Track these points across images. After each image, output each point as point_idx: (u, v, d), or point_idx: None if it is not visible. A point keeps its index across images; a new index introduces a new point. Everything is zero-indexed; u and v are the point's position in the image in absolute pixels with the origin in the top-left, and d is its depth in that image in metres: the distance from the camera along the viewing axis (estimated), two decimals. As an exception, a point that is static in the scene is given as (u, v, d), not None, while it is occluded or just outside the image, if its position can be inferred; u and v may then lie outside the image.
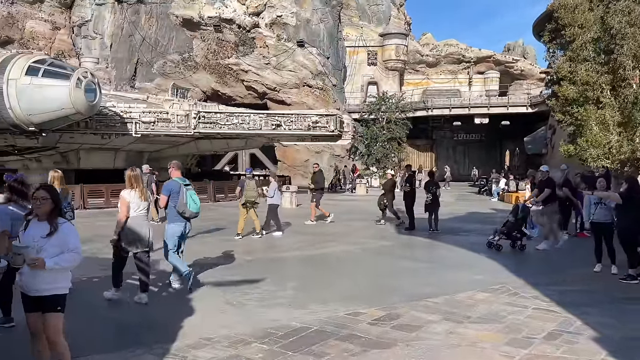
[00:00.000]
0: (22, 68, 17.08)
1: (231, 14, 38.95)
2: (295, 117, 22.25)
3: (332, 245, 11.07)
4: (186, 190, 6.94)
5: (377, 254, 10.15)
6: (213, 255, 9.63)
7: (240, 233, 11.74)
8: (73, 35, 41.57)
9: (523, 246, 10.66)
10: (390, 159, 37.13)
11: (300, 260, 9.56)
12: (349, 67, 43.36)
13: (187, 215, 6.93)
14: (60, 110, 17.53)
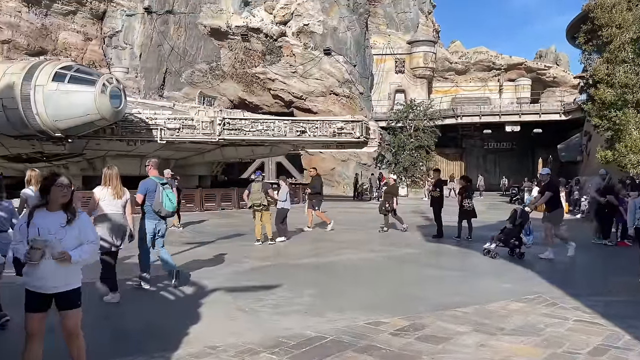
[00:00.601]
0: (49, 74, 17.20)
1: (258, 23, 39.07)
2: (320, 124, 21.90)
3: (352, 253, 10.56)
4: (163, 189, 6.90)
5: (401, 262, 9.61)
6: (229, 260, 9.26)
7: (259, 239, 11.35)
8: (104, 46, 42.36)
9: (522, 254, 9.95)
10: (418, 168, 36.42)
11: (318, 267, 9.08)
12: (376, 75, 42.91)
13: (163, 214, 6.91)
14: (85, 116, 17.57)
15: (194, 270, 8.15)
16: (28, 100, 17.04)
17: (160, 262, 7.31)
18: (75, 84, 17.28)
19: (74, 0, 41.22)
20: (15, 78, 17.20)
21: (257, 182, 11.31)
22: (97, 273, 6.42)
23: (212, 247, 10.86)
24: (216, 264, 8.82)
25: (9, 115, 17.47)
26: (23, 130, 18.01)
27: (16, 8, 37.99)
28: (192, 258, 9.45)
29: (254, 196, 11.10)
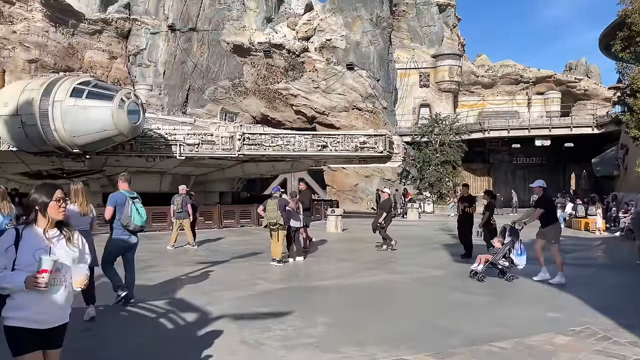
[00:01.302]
0: (68, 90, 16.99)
1: (281, 39, 38.93)
2: (341, 138, 21.25)
3: (375, 274, 9.77)
4: (132, 202, 6.73)
5: (428, 285, 8.79)
6: (241, 282, 8.59)
7: (275, 258, 10.66)
8: (128, 64, 42.82)
9: (512, 277, 9.03)
10: (444, 183, 35.43)
11: (338, 290, 8.33)
12: (400, 90, 42.22)
13: (131, 228, 6.72)
14: (102, 132, 17.27)
15: (201, 294, 7.51)
16: (46, 116, 16.84)
17: (108, 276, 6.92)
18: (92, 99, 17.02)
19: (99, 20, 41.91)
20: (34, 94, 17.06)
21: (274, 198, 10.64)
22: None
23: (224, 267, 10.23)
24: (226, 287, 8.16)
25: (27, 132, 17.31)
26: (42, 146, 17.82)
27: (44, 28, 38.69)
28: (202, 279, 8.83)
29: (269, 214, 10.43)
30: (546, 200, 9.49)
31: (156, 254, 12.14)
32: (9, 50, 37.99)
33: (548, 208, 9.30)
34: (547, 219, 9.21)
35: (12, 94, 17.51)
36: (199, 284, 8.35)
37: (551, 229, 9.22)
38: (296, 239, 11.42)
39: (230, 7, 40.57)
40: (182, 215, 13.62)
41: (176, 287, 7.93)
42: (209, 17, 40.30)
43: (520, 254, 9.26)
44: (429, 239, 16.48)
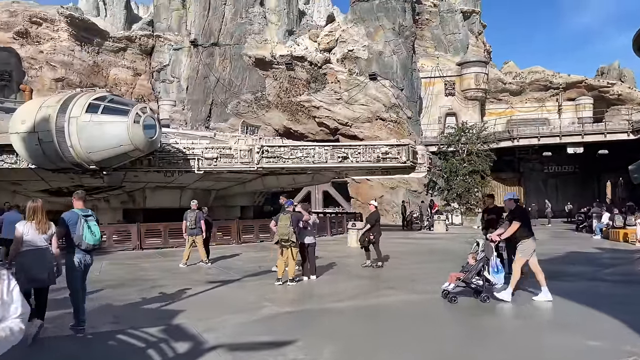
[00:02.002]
0: (83, 106, 16.81)
1: (303, 52, 38.68)
2: (363, 149, 20.57)
3: (395, 294, 9.01)
4: (85, 221, 6.58)
5: (453, 306, 8.01)
6: (246, 305, 7.97)
7: (280, 278, 10.00)
8: (152, 80, 43.20)
9: (486, 297, 8.17)
10: (472, 194, 34.28)
11: (352, 313, 7.61)
12: (425, 99, 41.37)
13: (83, 247, 6.52)
14: (118, 147, 17.01)
15: (201, 319, 6.91)
16: (62, 132, 16.67)
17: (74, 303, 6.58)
18: (108, 115, 16.80)
19: (124, 37, 42.48)
20: (51, 111, 16.93)
21: (286, 212, 10.02)
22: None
23: (233, 288, 9.64)
24: (230, 310, 7.56)
25: (45, 149, 17.17)
26: (59, 163, 17.66)
27: (69, 47, 39.35)
28: (206, 302, 8.26)
29: (281, 230, 9.81)
30: (521, 212, 8.76)
31: (166, 273, 11.66)
32: (36, 70, 38.74)
33: (524, 221, 8.50)
34: (522, 233, 8.46)
35: (30, 111, 17.44)
36: (202, 307, 7.77)
37: (524, 243, 8.44)
38: (310, 255, 10.76)
39: (251, 20, 40.60)
40: (196, 232, 13.13)
41: (176, 311, 7.37)
42: (230, 32, 40.38)
43: (497, 271, 8.35)
44: (456, 253, 15.57)
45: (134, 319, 6.86)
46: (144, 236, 17.93)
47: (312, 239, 10.79)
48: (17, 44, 38.55)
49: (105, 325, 6.63)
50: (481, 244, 8.60)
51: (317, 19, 48.60)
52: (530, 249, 8.53)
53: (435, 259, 13.95)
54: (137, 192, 22.39)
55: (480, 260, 8.37)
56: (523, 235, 8.47)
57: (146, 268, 12.41)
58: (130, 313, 7.39)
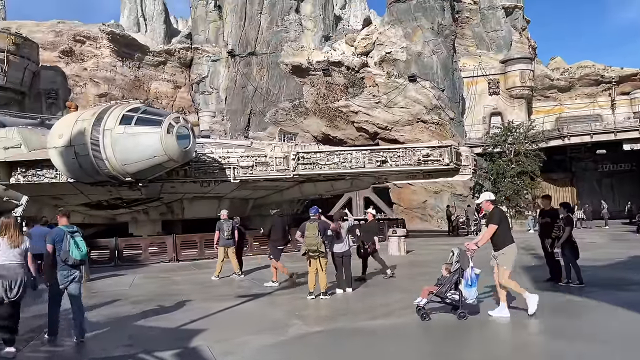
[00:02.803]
0: (117, 117, 16.71)
1: (339, 57, 38.12)
2: (402, 152, 19.66)
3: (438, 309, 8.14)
4: (71, 237, 6.74)
5: (510, 324, 7.09)
6: (273, 323, 7.31)
7: (312, 291, 9.32)
8: (192, 92, 43.66)
9: (462, 314, 7.24)
10: (522, 196, 32.67)
11: (388, 332, 6.78)
12: (468, 99, 39.97)
13: (70, 262, 6.69)
14: (152, 158, 16.80)
15: (221, 341, 6.32)
16: (97, 145, 16.60)
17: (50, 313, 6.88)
18: (141, 126, 16.63)
19: (163, 51, 43.15)
20: (86, 124, 16.92)
21: (313, 221, 9.34)
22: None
23: (262, 303, 9.02)
24: (254, 329, 6.93)
25: (81, 162, 17.15)
26: (95, 176, 17.63)
27: (111, 63, 40.23)
28: (230, 319, 7.68)
29: (309, 240, 9.13)
30: (498, 215, 7.67)
31: (197, 286, 11.19)
32: (81, 87, 39.77)
33: (501, 225, 7.51)
34: (501, 239, 7.51)
35: (67, 125, 17.49)
36: (225, 326, 7.19)
37: (504, 251, 7.50)
38: (345, 266, 10.01)
39: (287, 28, 40.41)
40: (231, 243, 12.65)
41: (197, 331, 6.82)
42: (267, 40, 40.29)
43: (470, 284, 7.35)
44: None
45: (149, 341, 6.36)
46: (180, 248, 17.66)
47: (346, 247, 10.06)
48: (63, 63, 39.76)
49: (118, 348, 6.14)
50: (456, 254, 7.66)
51: (354, 23, 48.05)
52: (512, 257, 7.62)
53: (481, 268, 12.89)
54: (175, 203, 22.26)
55: (455, 272, 7.46)
56: (502, 242, 7.51)
57: (178, 281, 12.00)
58: (148, 333, 6.89)
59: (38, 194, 20.24)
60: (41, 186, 19.47)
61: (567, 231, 9.87)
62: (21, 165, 19.58)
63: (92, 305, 9.01)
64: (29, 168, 19.50)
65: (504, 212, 8.11)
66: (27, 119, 30.54)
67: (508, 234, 7.65)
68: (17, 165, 19.60)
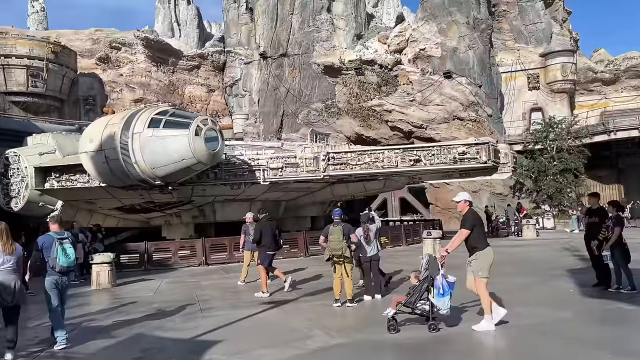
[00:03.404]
0: (145, 121, 16.65)
1: (372, 55, 37.50)
2: (437, 150, 18.89)
3: (471, 318, 7.50)
4: (60, 244, 6.86)
5: (549, 337, 6.37)
6: (294, 333, 6.84)
7: (337, 298, 8.78)
8: (225, 95, 43.83)
9: (433, 326, 6.64)
10: (565, 195, 31.22)
11: (417, 347, 6.21)
12: (506, 95, 38.60)
13: (57, 269, 6.80)
14: (181, 161, 16.66)
15: (234, 354, 5.89)
16: (127, 149, 16.58)
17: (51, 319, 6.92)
18: (169, 129, 16.51)
19: (196, 55, 43.49)
20: (116, 128, 16.93)
21: (337, 225, 8.82)
22: None
23: (284, 311, 8.57)
24: (272, 341, 6.48)
25: (111, 166, 17.17)
26: (126, 180, 17.63)
27: (146, 68, 40.78)
28: (249, 329, 7.25)
29: (332, 244, 8.61)
30: (472, 218, 7.01)
31: (222, 292, 10.86)
32: (117, 93, 40.47)
33: (475, 228, 6.90)
34: (474, 244, 6.91)
35: (97, 130, 17.56)
36: (242, 337, 6.78)
37: (477, 257, 6.89)
38: (374, 271, 9.45)
39: (319, 28, 40.03)
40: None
41: (212, 342, 6.42)
42: (298, 41, 40.01)
43: (442, 293, 6.66)
44: (548, 263, 13.63)
45: (161, 353, 6.01)
46: (209, 251, 17.43)
47: (374, 251, 9.50)
48: (100, 69, 40.57)
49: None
50: (425, 260, 7.04)
51: (387, 20, 47.29)
52: (487, 263, 6.91)
53: (520, 272, 12.12)
54: (206, 206, 22.14)
55: (424, 281, 6.83)
56: (476, 247, 6.90)
57: (204, 287, 11.70)
58: (161, 344, 6.54)
59: (72, 199, 20.46)
60: (74, 191, 19.66)
61: (617, 232, 9.03)
62: (55, 170, 19.86)
63: (112, 312, 8.78)
64: (63, 173, 19.75)
65: (478, 215, 7.44)
66: (66, 125, 31.25)
67: (482, 237, 7.03)
68: (51, 171, 19.90)
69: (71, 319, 8.26)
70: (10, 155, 20.67)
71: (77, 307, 9.49)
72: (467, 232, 6.88)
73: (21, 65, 34.27)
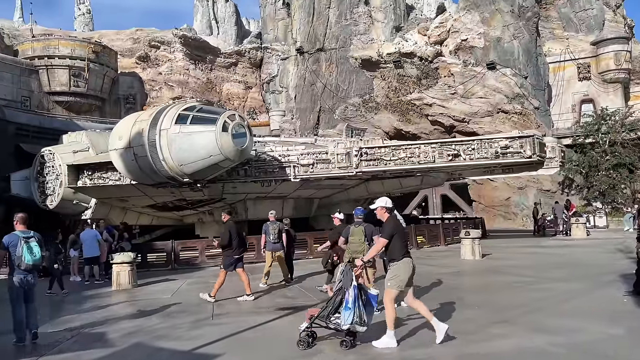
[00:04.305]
0: (173, 117, 16.33)
1: (411, 47, 36.25)
2: (477, 144, 17.75)
3: (509, 334, 6.46)
4: (25, 242, 6.90)
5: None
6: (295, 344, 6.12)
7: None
8: (263, 92, 43.55)
9: (344, 342, 6.08)
10: (619, 191, 29.22)
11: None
12: (554, 86, 36.58)
13: (23, 267, 6.86)
14: (208, 158, 16.25)
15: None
16: (154, 146, 16.30)
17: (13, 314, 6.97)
18: (196, 125, 16.12)
19: (234, 53, 43.38)
20: (144, 125, 16.69)
21: (358, 225, 8.05)
22: None
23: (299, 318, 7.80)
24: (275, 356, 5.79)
25: (140, 164, 16.96)
26: (155, 177, 17.38)
27: (184, 66, 40.96)
28: (255, 341, 6.61)
29: (353, 246, 7.86)
30: (391, 226, 6.49)
31: (240, 294, 10.25)
32: (157, 91, 40.83)
33: (394, 237, 6.39)
34: (391, 254, 6.43)
35: (126, 127, 17.38)
36: (244, 350, 6.18)
37: (391, 267, 6.38)
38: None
39: (356, 21, 39.10)
40: (279, 247, 11.68)
41: (211, 356, 5.80)
42: (335, 35, 39.20)
43: (350, 307, 6.04)
44: (599, 267, 12.38)
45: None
46: (237, 250, 16.91)
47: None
48: (140, 68, 41.04)
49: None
50: (340, 270, 6.45)
51: (427, 11, 45.85)
52: (402, 275, 6.26)
53: (566, 276, 10.98)
54: (238, 204, 21.74)
55: (337, 292, 6.27)
56: (393, 258, 6.38)
57: (224, 288, 11.11)
58: (157, 357, 5.97)
59: (105, 197, 20.46)
60: (107, 188, 19.62)
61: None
62: (88, 168, 19.89)
63: (120, 318, 8.34)
64: (95, 171, 19.74)
65: (399, 222, 6.81)
66: (107, 123, 31.65)
67: (399, 248, 6.43)
68: (84, 169, 19.94)
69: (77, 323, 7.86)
70: (45, 153, 20.89)
71: (87, 312, 9.12)
72: (385, 241, 6.41)
73: (64, 65, 34.92)
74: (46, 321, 8.09)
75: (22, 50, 35.45)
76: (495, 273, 12.02)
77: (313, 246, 17.87)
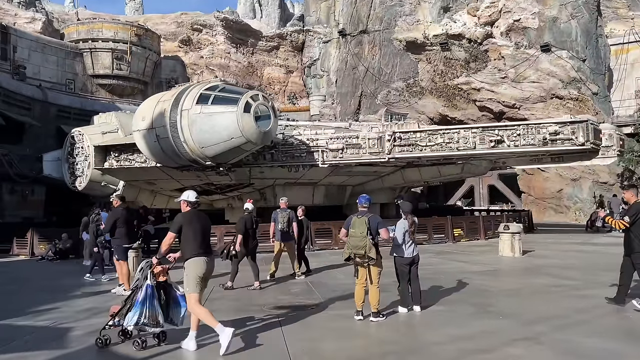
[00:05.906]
0: (194, 97, 15.59)
1: (460, 29, 34.22)
2: (523, 129, 16.11)
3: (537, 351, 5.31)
4: None
5: None
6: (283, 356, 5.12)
7: (359, 310, 6.88)
8: (304, 77, 42.59)
9: (135, 342, 5.69)
10: (686, 185, 26.51)
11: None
12: (616, 70, 33.65)
13: None
14: (230, 140, 15.43)
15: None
16: (175, 127, 15.63)
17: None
18: (217, 105, 15.31)
19: (275, 36, 42.55)
20: (166, 105, 16.05)
21: (361, 215, 6.96)
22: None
23: (296, 322, 6.79)
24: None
25: (162, 145, 16.36)
26: (177, 160, 16.77)
27: (226, 50, 40.50)
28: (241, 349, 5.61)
29: (354, 240, 6.77)
30: (179, 220, 5.98)
31: (241, 289, 9.37)
32: (198, 75, 40.59)
33: (183, 231, 5.82)
34: (182, 252, 5.89)
35: (149, 107, 16.81)
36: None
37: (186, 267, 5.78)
38: (413, 275, 7.40)
39: (402, 2, 37.40)
40: (288, 237, 10.72)
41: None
42: (379, 17, 37.65)
43: (137, 307, 5.77)
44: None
45: None
46: (257, 238, 16.06)
47: (416, 251, 7.46)
48: (182, 52, 40.96)
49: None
50: (141, 266, 5.97)
51: (478, -9, 43.29)
52: (193, 274, 5.68)
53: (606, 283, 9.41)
54: (267, 190, 20.95)
55: (135, 290, 5.83)
56: (184, 256, 5.79)
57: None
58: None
59: (131, 179, 20.12)
60: (132, 170, 19.25)
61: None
62: (115, 149, 19.56)
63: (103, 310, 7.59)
64: (122, 153, 19.39)
65: (194, 215, 6.00)
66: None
67: (190, 244, 5.79)
68: (111, 150, 19.63)
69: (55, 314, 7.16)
70: (75, 134, 20.74)
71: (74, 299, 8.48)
72: (173, 235, 5.85)
73: (107, 48, 35.18)
74: (23, 311, 7.46)
75: (68, 33, 35.91)
76: (533, 274, 10.59)
77: (337, 236, 16.78)
